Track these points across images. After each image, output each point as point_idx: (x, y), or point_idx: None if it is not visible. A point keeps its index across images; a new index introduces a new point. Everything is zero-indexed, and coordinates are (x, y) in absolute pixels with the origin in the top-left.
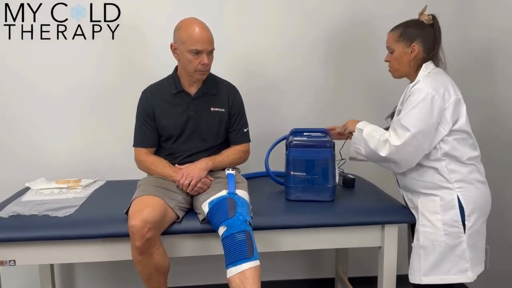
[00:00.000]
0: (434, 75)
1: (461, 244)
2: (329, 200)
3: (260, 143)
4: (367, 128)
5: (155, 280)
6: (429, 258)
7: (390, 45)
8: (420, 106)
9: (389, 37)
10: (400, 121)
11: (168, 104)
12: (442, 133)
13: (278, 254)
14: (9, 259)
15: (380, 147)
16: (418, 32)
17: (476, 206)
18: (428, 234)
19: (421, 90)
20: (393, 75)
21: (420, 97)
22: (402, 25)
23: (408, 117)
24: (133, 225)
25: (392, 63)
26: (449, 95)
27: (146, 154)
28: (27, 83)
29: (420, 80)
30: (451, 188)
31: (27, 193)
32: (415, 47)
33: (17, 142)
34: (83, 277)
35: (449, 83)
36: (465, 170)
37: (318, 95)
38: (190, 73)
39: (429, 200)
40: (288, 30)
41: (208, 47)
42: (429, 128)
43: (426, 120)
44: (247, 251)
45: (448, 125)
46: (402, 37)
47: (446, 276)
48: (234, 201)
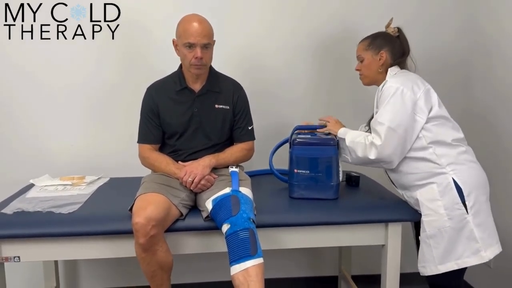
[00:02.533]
0: (400, 74)
1: (467, 224)
2: (333, 198)
3: (263, 140)
4: (348, 135)
5: (158, 277)
6: (439, 246)
7: (360, 54)
8: (392, 101)
9: (359, 47)
10: (376, 120)
11: (172, 101)
12: (421, 122)
13: (282, 252)
14: (14, 256)
15: (368, 151)
16: (385, 41)
17: (473, 185)
18: (432, 222)
19: (390, 87)
20: (363, 82)
21: (390, 93)
22: (370, 36)
23: (382, 114)
24: (137, 222)
25: (362, 71)
26: (418, 87)
27: (150, 150)
28: (28, 83)
29: (388, 80)
30: (445, 172)
31: (31, 190)
32: (383, 54)
33: (21, 139)
34: (87, 274)
35: (416, 78)
36: (454, 151)
37: (322, 92)
38: (187, 68)
39: (427, 189)
40: (288, 27)
41: (201, 40)
42: (406, 120)
43: (401, 113)
44: (251, 249)
45: (424, 113)
46: (371, 46)
47: (461, 260)
48: (237, 198)
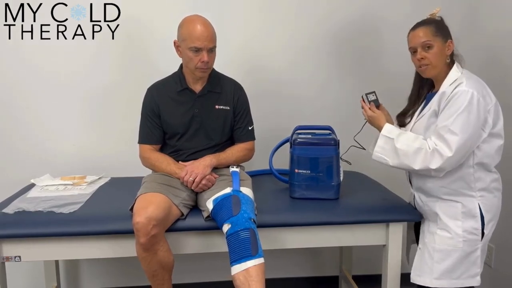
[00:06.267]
0: (473, 76)
1: (476, 251)
2: (334, 198)
3: (264, 140)
4: (401, 137)
5: (159, 277)
6: (444, 263)
7: (428, 40)
8: (468, 109)
9: (424, 32)
10: (447, 126)
11: (173, 101)
12: (483, 136)
13: (282, 252)
14: (15, 255)
15: (429, 160)
16: (448, 28)
17: (493, 214)
18: (445, 239)
19: (468, 92)
20: (429, 73)
21: (466, 99)
22: (431, 21)
23: (456, 122)
24: (138, 222)
25: (431, 59)
26: (490, 98)
27: (151, 150)
28: (28, 83)
29: (463, 82)
30: (473, 196)
31: (32, 190)
32: (451, 44)
33: (23, 139)
34: (88, 273)
35: (485, 85)
36: (489, 178)
37: (323, 92)
38: (191, 70)
39: (450, 206)
40: (291, 24)
41: (208, 44)
42: (476, 133)
43: (474, 125)
44: (252, 249)
45: (489, 128)
46: (439, 32)
47: (457, 281)
48: (238, 198)
